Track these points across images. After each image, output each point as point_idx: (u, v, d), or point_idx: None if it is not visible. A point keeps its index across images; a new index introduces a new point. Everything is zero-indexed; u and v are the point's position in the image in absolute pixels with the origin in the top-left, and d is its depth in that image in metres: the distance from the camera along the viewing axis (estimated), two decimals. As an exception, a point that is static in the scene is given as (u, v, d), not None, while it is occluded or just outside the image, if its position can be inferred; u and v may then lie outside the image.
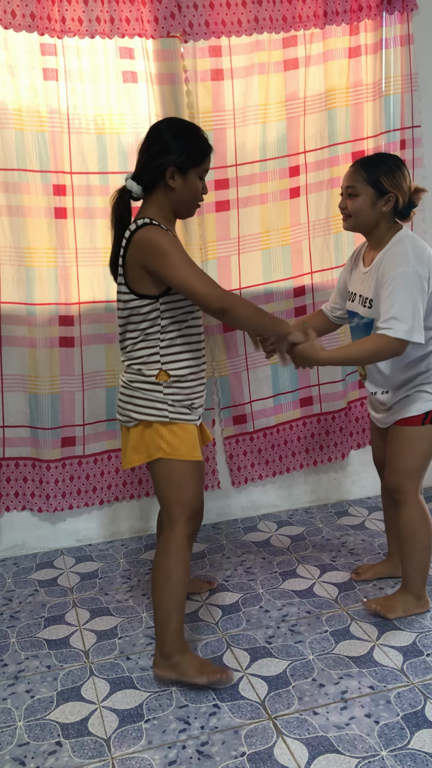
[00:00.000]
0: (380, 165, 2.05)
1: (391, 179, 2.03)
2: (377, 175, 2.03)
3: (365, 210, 2.06)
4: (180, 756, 1.73)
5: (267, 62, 2.68)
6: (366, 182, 2.04)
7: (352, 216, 2.09)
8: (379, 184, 2.03)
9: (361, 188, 2.05)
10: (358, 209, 2.07)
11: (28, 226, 2.56)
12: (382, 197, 2.04)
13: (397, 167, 2.05)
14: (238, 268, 2.81)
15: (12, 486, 2.78)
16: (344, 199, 2.11)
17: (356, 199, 2.06)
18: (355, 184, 2.06)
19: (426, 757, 1.68)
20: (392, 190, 2.03)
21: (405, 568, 2.24)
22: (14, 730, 1.85)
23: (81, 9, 2.45)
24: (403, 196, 2.05)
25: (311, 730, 1.79)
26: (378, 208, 2.05)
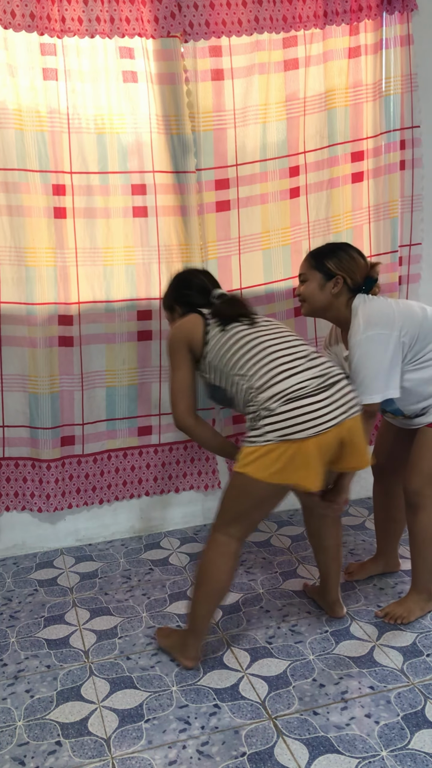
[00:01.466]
0: (327, 252, 2.17)
1: (337, 262, 2.13)
2: (323, 260, 2.14)
3: (315, 293, 2.16)
4: (180, 756, 1.73)
5: (267, 62, 2.68)
6: (313, 268, 2.16)
7: (305, 301, 2.19)
8: (324, 267, 2.14)
9: (309, 274, 2.17)
10: (308, 294, 2.18)
11: (27, 226, 2.56)
12: (330, 280, 2.13)
13: (344, 251, 2.16)
14: (239, 268, 2.81)
15: (12, 486, 2.78)
16: (299, 286, 2.22)
17: (307, 284, 2.17)
18: (305, 271, 2.19)
19: (426, 758, 1.68)
20: (339, 272, 2.12)
21: (417, 569, 2.25)
22: (14, 730, 1.85)
23: (81, 9, 2.45)
24: (352, 275, 2.13)
25: (311, 730, 1.79)
26: (327, 291, 2.14)
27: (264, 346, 2.00)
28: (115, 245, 2.66)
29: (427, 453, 2.17)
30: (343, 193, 2.89)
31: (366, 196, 2.92)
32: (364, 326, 2.05)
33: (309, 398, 1.88)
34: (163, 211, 2.68)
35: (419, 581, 2.25)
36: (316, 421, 1.86)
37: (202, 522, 3.05)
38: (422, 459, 2.18)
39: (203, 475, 2.98)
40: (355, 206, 2.92)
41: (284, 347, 2.00)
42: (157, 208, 2.67)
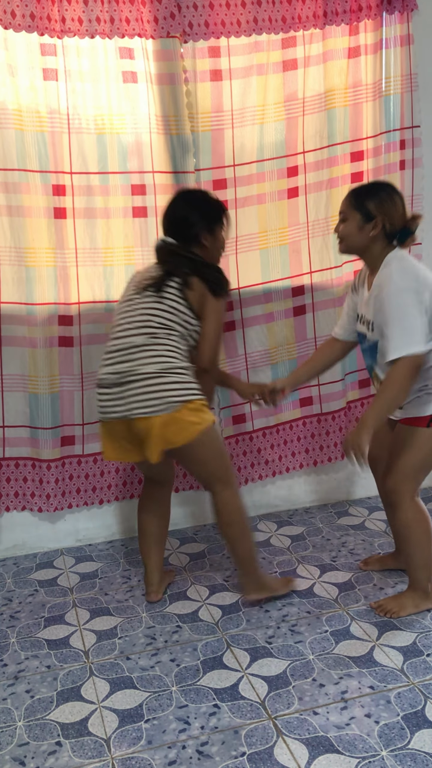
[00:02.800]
0: (370, 192, 2.13)
1: (378, 205, 2.10)
2: (364, 201, 2.11)
3: (353, 234, 2.14)
4: (180, 756, 1.73)
5: (266, 63, 2.68)
6: (353, 208, 2.13)
7: (342, 240, 2.19)
8: (365, 209, 2.11)
9: (349, 213, 2.14)
10: (345, 233, 2.16)
11: (27, 226, 2.56)
12: (369, 222, 2.10)
13: (388, 194, 2.12)
14: (236, 268, 2.81)
15: (12, 486, 2.78)
16: (338, 223, 2.20)
17: (346, 223, 2.15)
18: (345, 210, 2.16)
19: (426, 757, 1.68)
20: (378, 215, 2.09)
21: (408, 568, 2.27)
22: (14, 730, 1.85)
23: (81, 9, 2.45)
24: (391, 221, 2.10)
25: (311, 730, 1.79)
26: (366, 233, 2.12)
27: (115, 323, 2.25)
28: (115, 245, 2.66)
29: (400, 451, 2.18)
30: (343, 193, 2.86)
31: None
32: (399, 277, 2.03)
33: (101, 389, 2.22)
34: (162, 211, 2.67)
35: (413, 579, 2.27)
36: (102, 410, 2.23)
37: (202, 522, 3.05)
38: (398, 457, 2.18)
39: (203, 475, 2.97)
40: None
41: (117, 330, 2.22)
42: (156, 208, 2.67)
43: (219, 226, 2.31)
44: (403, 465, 2.17)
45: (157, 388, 2.10)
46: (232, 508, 2.28)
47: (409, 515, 2.17)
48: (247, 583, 2.35)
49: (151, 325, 2.16)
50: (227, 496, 2.28)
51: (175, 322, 2.18)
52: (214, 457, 2.26)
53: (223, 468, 2.29)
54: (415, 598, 2.26)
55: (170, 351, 2.15)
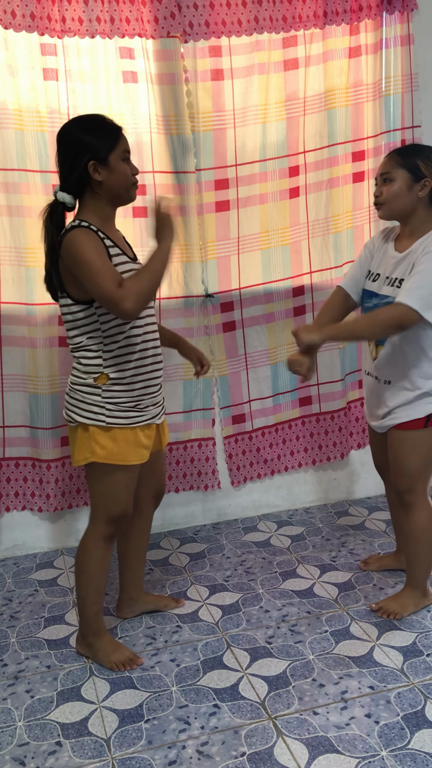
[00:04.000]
0: (417, 151, 2.05)
1: (428, 164, 2.01)
2: (414, 159, 2.01)
3: (401, 195, 2.02)
4: (180, 756, 1.73)
5: (267, 62, 2.68)
6: (401, 166, 2.02)
7: (386, 203, 2.05)
8: (416, 168, 2.01)
9: (396, 173, 2.02)
10: (393, 194, 2.03)
11: (28, 226, 2.56)
12: (418, 182, 2.01)
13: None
14: (238, 268, 2.81)
15: (12, 486, 2.78)
16: (379, 186, 2.08)
17: (392, 184, 2.03)
18: (390, 170, 2.04)
19: (426, 757, 1.68)
20: (429, 175, 2.01)
21: (411, 566, 2.26)
22: (14, 730, 1.85)
23: (81, 9, 2.45)
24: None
25: (311, 730, 1.79)
26: (414, 193, 2.02)
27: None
28: (115, 245, 2.66)
29: (406, 453, 2.15)
30: (344, 193, 2.89)
31: (367, 195, 2.92)
32: None
33: None
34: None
35: (414, 578, 2.26)
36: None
37: (202, 522, 3.05)
38: (402, 459, 2.16)
39: (203, 475, 2.97)
40: (356, 206, 2.92)
41: None
42: (157, 208, 2.67)
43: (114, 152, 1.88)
44: (412, 467, 2.16)
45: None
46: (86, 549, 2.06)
47: (423, 515, 2.18)
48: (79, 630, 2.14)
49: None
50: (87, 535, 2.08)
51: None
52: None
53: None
54: (415, 597, 2.27)
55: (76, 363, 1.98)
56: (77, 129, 1.89)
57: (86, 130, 1.88)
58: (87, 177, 1.87)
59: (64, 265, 1.85)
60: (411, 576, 2.28)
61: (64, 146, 1.90)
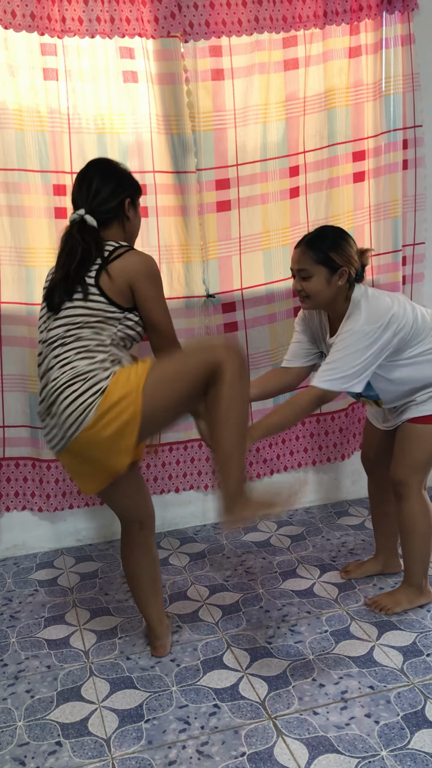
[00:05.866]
0: (326, 240, 2.07)
1: (341, 253, 2.06)
2: (327, 252, 2.05)
3: (322, 290, 2.07)
4: (180, 756, 1.73)
5: (267, 62, 2.67)
6: (316, 263, 2.06)
7: (310, 297, 2.10)
8: (329, 261, 2.05)
9: (313, 270, 2.06)
10: (315, 290, 2.08)
11: (28, 226, 2.56)
12: (335, 273, 2.06)
13: (343, 239, 2.08)
14: (239, 269, 2.81)
15: (12, 486, 2.78)
16: (298, 281, 2.11)
17: (310, 280, 2.08)
18: (306, 267, 2.07)
19: (426, 757, 1.68)
20: (343, 264, 2.06)
21: (406, 561, 2.27)
22: (14, 730, 1.85)
23: (81, 9, 2.45)
24: (355, 265, 2.09)
25: (311, 730, 1.79)
26: (334, 284, 2.07)
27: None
28: (116, 245, 2.66)
29: (411, 446, 2.18)
30: (344, 193, 2.89)
31: (367, 195, 2.92)
32: (364, 320, 2.03)
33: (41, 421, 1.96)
34: (163, 211, 2.68)
35: (409, 573, 2.27)
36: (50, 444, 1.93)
37: (202, 522, 3.05)
38: (406, 451, 2.19)
39: (203, 475, 2.97)
40: (356, 206, 2.92)
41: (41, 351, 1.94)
42: (157, 208, 2.67)
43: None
44: (413, 458, 2.18)
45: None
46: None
47: (416, 507, 2.19)
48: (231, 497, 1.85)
49: None
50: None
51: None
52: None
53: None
54: (410, 594, 2.27)
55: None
56: (120, 166, 2.03)
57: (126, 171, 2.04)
58: (121, 211, 1.97)
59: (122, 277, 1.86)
60: (406, 571, 2.29)
61: (106, 175, 1.98)
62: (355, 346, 2.02)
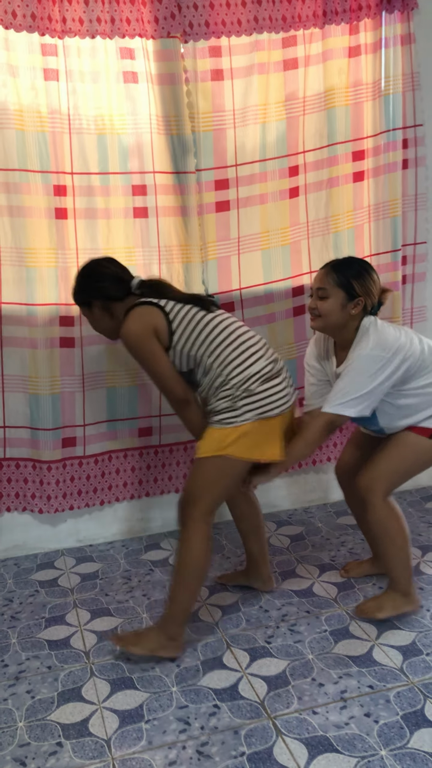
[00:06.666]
0: (352, 270, 2.12)
1: (362, 284, 2.10)
2: (348, 278, 2.10)
3: (335, 312, 2.11)
4: (180, 756, 1.74)
5: (267, 62, 2.67)
6: (337, 285, 2.10)
7: (322, 316, 2.14)
8: (350, 287, 2.10)
9: (332, 291, 2.11)
10: (328, 311, 2.12)
11: (28, 227, 2.56)
12: (351, 301, 2.10)
13: (367, 272, 2.13)
14: (238, 269, 2.81)
15: (13, 487, 2.78)
16: (314, 299, 2.16)
17: (326, 301, 2.12)
18: (326, 287, 2.12)
19: (426, 757, 1.69)
20: (362, 294, 2.10)
21: (387, 568, 2.25)
22: (15, 731, 1.86)
23: (82, 9, 2.45)
24: (372, 300, 2.13)
25: (311, 729, 1.80)
26: (347, 311, 2.11)
27: (231, 329, 2.10)
28: (116, 246, 2.66)
29: (393, 451, 2.17)
30: (344, 193, 2.89)
31: (366, 195, 2.92)
32: (373, 345, 2.06)
33: (276, 379, 2.08)
34: (163, 211, 2.68)
35: (391, 579, 2.25)
36: (283, 400, 2.07)
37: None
38: (384, 457, 2.18)
39: (204, 475, 2.97)
40: (356, 205, 2.92)
41: (244, 331, 2.13)
42: (157, 208, 2.67)
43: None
44: (385, 465, 2.16)
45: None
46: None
47: (381, 513, 2.17)
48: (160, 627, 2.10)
49: None
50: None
51: None
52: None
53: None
54: (395, 600, 2.23)
55: None
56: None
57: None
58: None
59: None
60: (390, 578, 2.26)
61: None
62: (365, 371, 2.05)
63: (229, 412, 2.02)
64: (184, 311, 2.09)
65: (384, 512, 2.16)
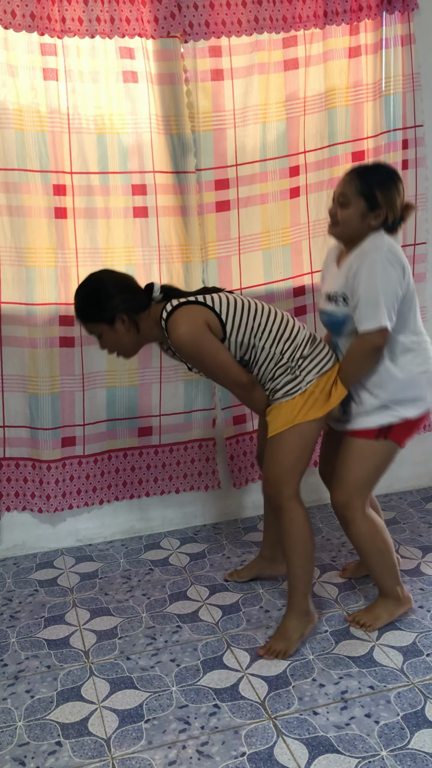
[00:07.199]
0: (377, 178, 2.00)
1: (386, 194, 1.99)
2: (372, 187, 1.98)
3: (353, 221, 2.01)
4: (180, 756, 1.73)
5: (267, 62, 2.67)
6: (359, 193, 1.99)
7: (340, 224, 2.04)
8: (372, 197, 1.98)
9: (353, 199, 2.00)
10: (347, 219, 2.01)
11: (28, 226, 2.56)
12: (372, 211, 1.99)
13: (393, 182, 2.01)
14: (239, 269, 2.81)
15: (12, 486, 2.78)
16: (335, 205, 2.05)
17: (347, 208, 2.01)
18: (348, 193, 2.01)
19: (426, 757, 1.68)
20: (384, 205, 1.99)
21: (374, 578, 2.23)
22: (14, 730, 1.85)
23: (81, 9, 2.45)
24: (395, 212, 2.02)
25: (311, 730, 1.79)
26: (367, 222, 2.01)
27: (261, 306, 2.12)
28: (116, 245, 2.66)
29: (351, 463, 2.12)
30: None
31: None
32: (387, 249, 1.95)
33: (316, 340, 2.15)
34: (163, 211, 2.68)
35: (381, 588, 2.23)
36: (330, 353, 2.14)
37: (202, 522, 3.05)
38: (347, 470, 2.13)
39: (203, 475, 2.98)
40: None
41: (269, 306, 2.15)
42: (157, 208, 2.67)
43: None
44: (353, 479, 2.12)
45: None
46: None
47: (363, 529, 2.14)
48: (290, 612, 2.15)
49: None
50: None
51: None
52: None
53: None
54: (388, 606, 2.22)
55: None
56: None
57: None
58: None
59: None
60: (379, 587, 2.24)
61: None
62: (389, 276, 1.94)
63: (292, 382, 2.07)
64: (223, 301, 2.06)
65: (366, 527, 2.14)
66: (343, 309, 2.07)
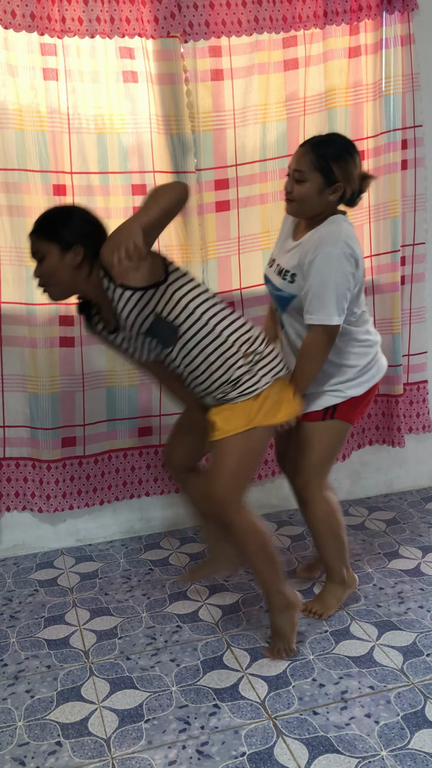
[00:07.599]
0: (333, 151, 1.94)
1: (343, 168, 1.94)
2: (328, 161, 1.93)
3: (311, 198, 1.95)
4: (180, 756, 1.73)
5: (267, 62, 2.67)
6: (315, 168, 1.93)
7: (296, 201, 1.98)
8: (329, 172, 1.93)
9: (309, 175, 1.94)
10: (304, 195, 1.96)
11: (28, 226, 2.54)
12: (330, 186, 1.95)
13: (349, 154, 1.96)
14: (239, 269, 2.81)
15: (12, 486, 2.78)
16: (290, 181, 1.99)
17: (303, 184, 1.95)
18: (304, 169, 1.95)
19: (426, 757, 1.68)
20: (342, 180, 1.94)
21: (325, 561, 2.29)
22: (14, 730, 1.85)
23: (81, 9, 2.45)
24: (353, 186, 1.98)
25: (311, 730, 1.79)
26: (325, 197, 1.96)
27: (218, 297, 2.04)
28: (116, 245, 2.66)
29: (304, 447, 2.17)
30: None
31: (366, 195, 2.91)
32: (344, 242, 1.92)
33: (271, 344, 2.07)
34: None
35: (329, 569, 2.28)
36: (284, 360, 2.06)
37: (203, 522, 3.05)
38: (303, 455, 2.18)
39: (203, 475, 2.97)
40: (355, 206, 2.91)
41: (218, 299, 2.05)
42: (157, 208, 2.66)
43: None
44: (309, 462, 2.17)
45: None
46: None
47: (321, 509, 2.20)
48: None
49: None
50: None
51: None
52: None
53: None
54: (336, 592, 2.28)
55: None
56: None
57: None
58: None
59: None
60: (327, 570, 2.29)
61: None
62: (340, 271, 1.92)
63: (249, 381, 1.94)
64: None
65: (323, 507, 2.20)
66: (291, 288, 2.04)
